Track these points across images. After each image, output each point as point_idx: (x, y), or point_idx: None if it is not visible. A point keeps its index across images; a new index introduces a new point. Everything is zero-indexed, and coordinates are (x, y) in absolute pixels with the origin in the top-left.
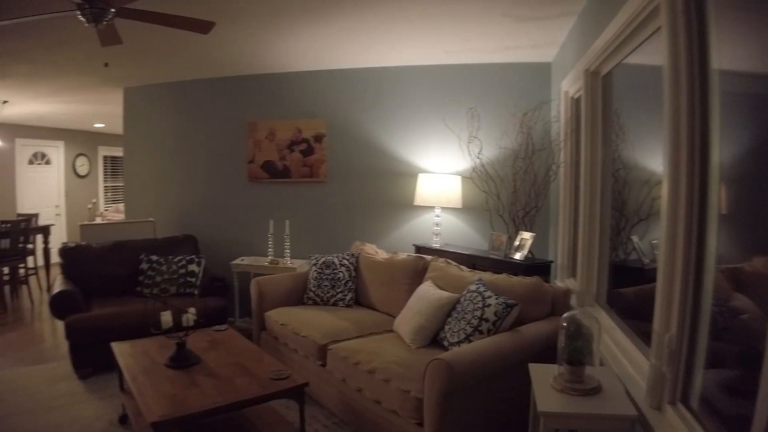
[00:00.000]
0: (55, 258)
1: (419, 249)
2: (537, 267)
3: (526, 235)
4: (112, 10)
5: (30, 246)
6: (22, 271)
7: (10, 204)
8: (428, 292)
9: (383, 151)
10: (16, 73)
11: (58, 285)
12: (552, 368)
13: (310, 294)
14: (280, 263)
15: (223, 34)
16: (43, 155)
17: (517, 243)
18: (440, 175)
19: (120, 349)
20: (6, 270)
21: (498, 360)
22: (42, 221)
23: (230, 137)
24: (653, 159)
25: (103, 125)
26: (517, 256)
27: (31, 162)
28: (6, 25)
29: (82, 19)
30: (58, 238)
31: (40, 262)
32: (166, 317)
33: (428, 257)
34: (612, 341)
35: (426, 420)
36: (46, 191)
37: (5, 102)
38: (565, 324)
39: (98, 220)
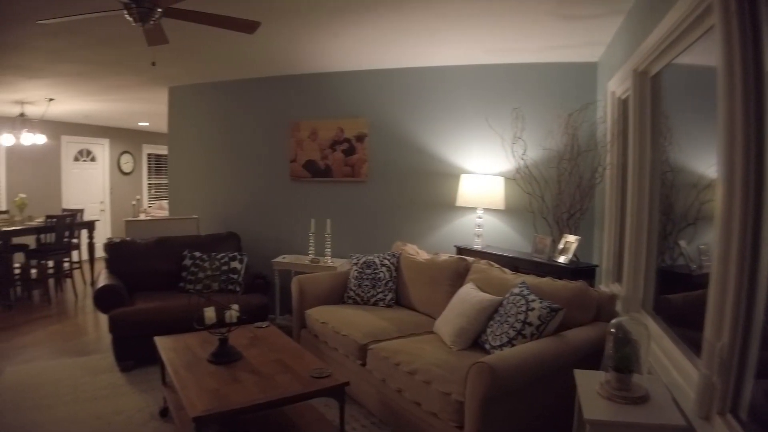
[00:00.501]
0: (99, 252)
1: (460, 250)
2: (582, 271)
3: (571, 238)
4: (159, 9)
5: (75, 240)
6: (66, 265)
7: (56, 199)
8: (470, 294)
9: (425, 151)
10: (63, 71)
11: (103, 279)
12: (598, 375)
13: (350, 293)
14: (321, 262)
15: (267, 34)
16: (89, 152)
17: (561, 246)
18: (483, 176)
19: (163, 344)
20: (51, 263)
21: (542, 365)
22: (87, 217)
23: (273, 136)
24: (702, 162)
25: (147, 124)
26: (561, 259)
27: (76, 159)
28: (54, 23)
29: (129, 18)
30: (103, 234)
31: (85, 256)
32: (210, 313)
33: (470, 259)
34: (659, 349)
35: (467, 424)
36: (91, 187)
37: (51, 100)
38: (613, 330)
39: (142, 217)
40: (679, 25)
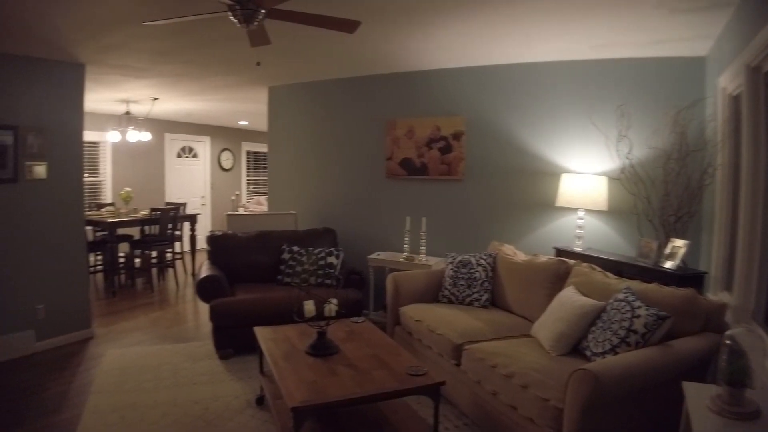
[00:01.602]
0: (200, 244)
1: (560, 252)
2: (689, 278)
3: (679, 243)
4: (263, 11)
5: (177, 233)
6: (169, 256)
7: (160, 193)
8: (571, 298)
9: (523, 150)
10: (167, 72)
11: (206, 270)
12: (708, 388)
13: (445, 292)
14: (416, 260)
15: (365, 33)
16: (191, 149)
17: (668, 251)
18: (585, 176)
19: (262, 334)
20: (154, 254)
21: (646, 375)
22: (189, 210)
23: (369, 134)
24: None
25: (246, 122)
26: (668, 264)
27: (179, 155)
28: (160, 25)
29: (233, 20)
30: (204, 227)
31: (186, 247)
32: (310, 306)
33: (570, 261)
34: None
35: None
36: (192, 183)
37: (156, 99)
38: (728, 341)
39: (240, 211)
40: None
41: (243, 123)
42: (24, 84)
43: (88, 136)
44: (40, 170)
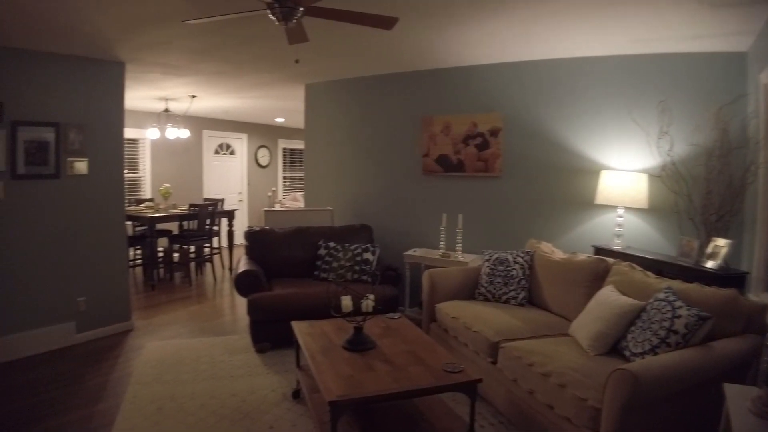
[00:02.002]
0: (237, 240)
1: (599, 250)
2: (731, 278)
3: (721, 242)
4: (301, 8)
5: (215, 228)
6: (207, 250)
7: (198, 189)
8: (610, 297)
9: (562, 146)
10: (205, 70)
11: (243, 265)
12: (749, 390)
13: (481, 289)
14: (452, 257)
15: (402, 29)
16: (228, 146)
17: (709, 250)
18: (625, 173)
19: (300, 328)
20: (193, 248)
21: (687, 376)
22: (226, 206)
23: (405, 131)
24: None
25: (283, 120)
26: (709, 264)
27: (216, 152)
28: (200, 23)
29: (272, 17)
30: (240, 222)
31: (224, 243)
32: (347, 302)
33: (609, 260)
34: None
35: None
36: (230, 179)
37: (194, 97)
38: None
39: (277, 207)
40: None
41: (279, 120)
42: (66, 82)
43: (128, 133)
44: (82, 166)
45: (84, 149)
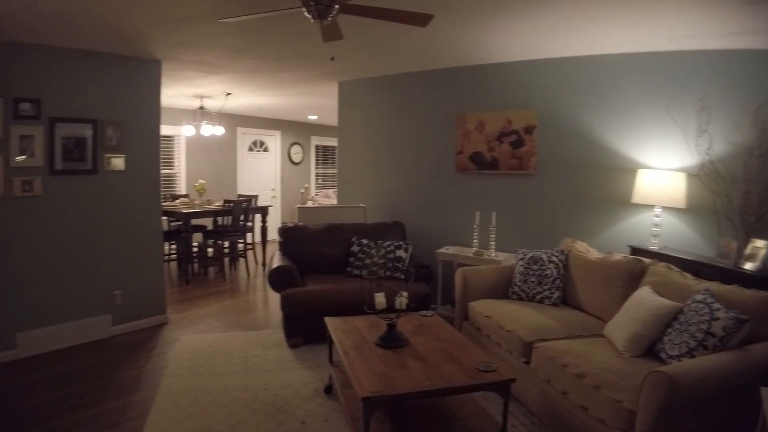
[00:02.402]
0: (271, 236)
1: (635, 250)
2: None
3: (760, 244)
4: (337, 6)
5: (249, 224)
6: (240, 246)
7: (232, 186)
8: (646, 298)
9: (598, 144)
10: (240, 67)
11: (277, 260)
12: None
13: (515, 288)
14: (485, 255)
15: (436, 26)
16: (262, 143)
17: (748, 251)
18: (663, 172)
19: (333, 324)
20: (226, 244)
21: (724, 379)
22: (260, 203)
23: (439, 129)
24: None
25: (316, 117)
26: (748, 266)
27: (250, 149)
28: (236, 21)
29: (308, 15)
30: (274, 219)
31: (258, 238)
32: (381, 298)
33: (646, 260)
34: None
35: None
36: (263, 175)
37: (228, 94)
38: None
39: (309, 204)
40: None
41: (312, 117)
42: (103, 79)
43: (164, 130)
44: (119, 162)
45: (121, 145)
